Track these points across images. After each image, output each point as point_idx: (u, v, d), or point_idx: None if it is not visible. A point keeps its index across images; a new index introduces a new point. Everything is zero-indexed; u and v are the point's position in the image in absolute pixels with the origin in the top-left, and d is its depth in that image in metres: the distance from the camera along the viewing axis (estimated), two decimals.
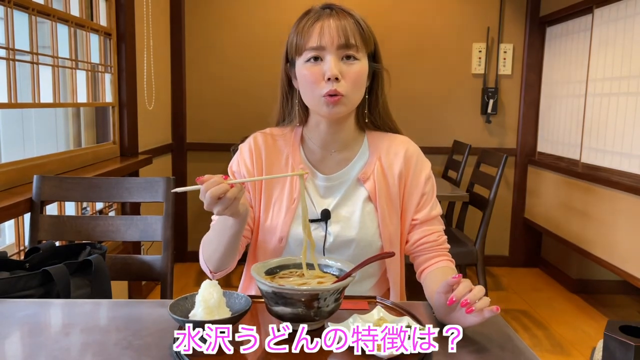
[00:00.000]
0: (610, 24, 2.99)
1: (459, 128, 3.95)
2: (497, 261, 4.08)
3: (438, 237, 1.24)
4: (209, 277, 1.17)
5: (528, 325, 3.01)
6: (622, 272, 2.76)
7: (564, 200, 3.43)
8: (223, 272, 1.19)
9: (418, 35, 3.88)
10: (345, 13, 1.16)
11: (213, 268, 1.18)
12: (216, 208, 0.97)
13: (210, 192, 0.94)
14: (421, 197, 1.24)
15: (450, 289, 0.95)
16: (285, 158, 1.25)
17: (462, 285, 0.94)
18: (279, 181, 1.24)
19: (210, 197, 0.94)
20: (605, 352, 0.78)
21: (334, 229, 1.20)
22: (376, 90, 1.25)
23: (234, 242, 1.11)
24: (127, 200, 1.63)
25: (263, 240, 1.24)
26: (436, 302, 1.00)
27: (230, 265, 1.19)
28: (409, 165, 1.24)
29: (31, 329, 0.98)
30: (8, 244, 2.06)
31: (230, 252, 1.14)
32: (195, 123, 3.90)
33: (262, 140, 1.26)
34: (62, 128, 2.67)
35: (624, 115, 2.82)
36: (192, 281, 3.57)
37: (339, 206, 1.22)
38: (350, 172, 1.24)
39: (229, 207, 0.97)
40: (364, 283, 1.25)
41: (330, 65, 1.11)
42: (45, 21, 2.16)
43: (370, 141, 1.27)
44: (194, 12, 3.80)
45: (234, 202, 0.96)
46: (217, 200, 0.95)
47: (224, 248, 1.12)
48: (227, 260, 1.16)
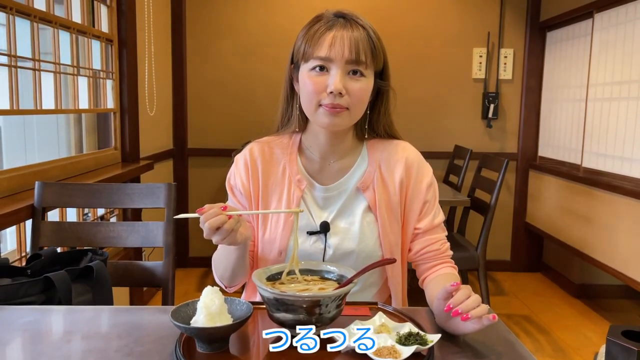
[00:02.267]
0: (611, 28, 2.99)
1: (460, 133, 3.95)
2: (499, 266, 4.07)
3: (441, 245, 1.23)
4: (225, 290, 1.19)
5: (530, 330, 3.00)
6: (623, 277, 2.75)
7: (565, 204, 3.43)
8: (237, 285, 1.24)
9: (418, 40, 3.89)
10: (358, 25, 1.12)
11: (227, 283, 1.22)
12: (214, 238, 1.00)
13: (208, 223, 0.97)
14: (423, 205, 1.22)
15: (449, 295, 0.95)
16: (283, 169, 1.22)
17: (460, 292, 0.94)
18: (276, 193, 1.22)
19: (209, 229, 0.98)
20: (607, 357, 0.78)
21: (334, 241, 1.18)
22: (379, 107, 1.22)
23: (241, 262, 1.15)
24: (129, 206, 1.63)
25: (262, 252, 1.23)
26: (436, 309, 1.01)
27: (243, 279, 1.23)
28: (410, 173, 1.22)
29: (32, 336, 0.98)
30: (10, 250, 2.06)
31: (239, 269, 1.17)
32: (196, 128, 3.90)
33: (258, 150, 1.24)
34: (63, 134, 2.68)
35: (624, 119, 2.82)
36: (194, 287, 3.57)
37: (338, 217, 1.20)
38: (349, 182, 1.22)
39: (226, 238, 1.00)
40: (366, 292, 1.24)
41: (336, 79, 1.09)
42: (47, 28, 2.17)
43: (370, 149, 1.25)
44: (195, 18, 3.82)
45: (231, 234, 0.99)
46: (215, 231, 0.98)
47: (232, 267, 1.16)
48: (239, 276, 1.20)
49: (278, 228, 1.20)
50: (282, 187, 1.22)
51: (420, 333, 0.91)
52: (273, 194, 1.22)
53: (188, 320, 0.91)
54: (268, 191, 1.23)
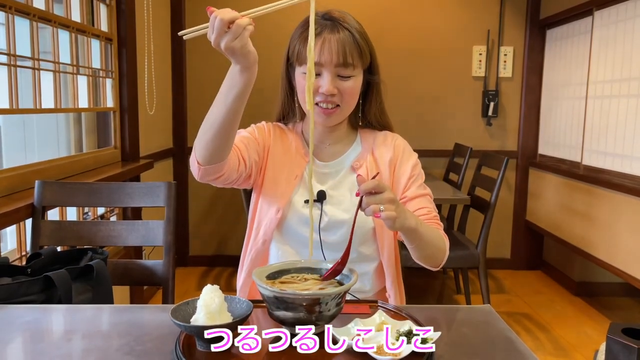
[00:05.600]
0: (611, 26, 2.99)
1: (460, 131, 3.95)
2: (499, 264, 4.07)
3: (428, 212, 1.27)
4: (195, 175, 1.14)
5: (530, 328, 3.00)
6: (624, 274, 2.75)
7: (565, 202, 3.43)
8: (211, 167, 1.13)
9: (418, 38, 3.88)
10: (345, 27, 1.21)
11: (202, 154, 1.11)
12: (225, 38, 0.93)
13: (221, 15, 0.91)
14: (409, 179, 1.31)
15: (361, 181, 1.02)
16: (290, 143, 1.34)
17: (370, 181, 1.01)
18: (284, 157, 1.31)
19: (221, 22, 0.91)
20: (608, 355, 0.78)
21: (329, 209, 1.27)
22: (370, 98, 1.33)
23: (235, 110, 1.06)
24: (129, 205, 1.63)
25: (261, 208, 1.31)
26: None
27: (220, 159, 1.12)
28: (397, 152, 1.33)
29: (33, 335, 0.98)
30: (10, 249, 2.06)
31: (227, 127, 1.07)
32: (196, 127, 3.85)
33: (272, 126, 1.37)
34: (63, 133, 2.68)
35: (624, 117, 2.82)
36: (194, 286, 3.57)
37: (334, 189, 1.30)
38: (345, 162, 1.33)
39: (239, 37, 0.93)
40: (363, 265, 1.30)
41: (327, 82, 1.20)
42: (47, 27, 2.16)
43: (363, 137, 1.36)
44: (195, 16, 3.81)
45: (244, 32, 0.94)
46: (226, 29, 0.92)
47: (223, 117, 1.06)
48: (219, 143, 1.09)
49: (280, 188, 1.28)
50: (289, 156, 1.33)
51: (420, 330, 0.91)
52: (280, 159, 1.31)
53: (188, 319, 0.91)
54: (276, 155, 1.32)
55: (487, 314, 1.09)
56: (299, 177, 1.30)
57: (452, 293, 3.56)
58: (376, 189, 0.99)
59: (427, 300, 3.45)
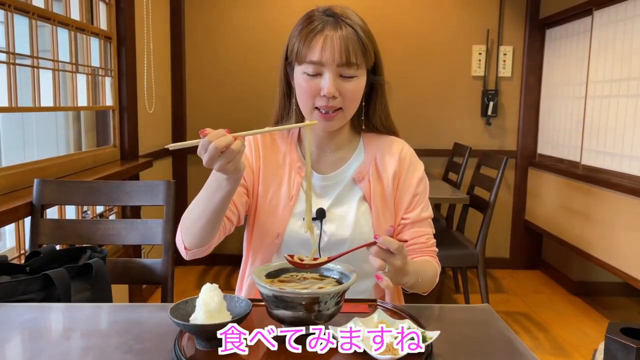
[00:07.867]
0: (610, 25, 2.99)
1: (459, 130, 3.95)
2: (498, 263, 4.07)
3: (427, 239, 1.25)
4: (182, 255, 1.14)
5: (529, 327, 3.00)
6: (622, 274, 2.76)
7: (564, 202, 3.43)
8: (199, 250, 1.12)
9: (418, 38, 3.89)
10: (347, 24, 1.13)
11: (190, 241, 1.10)
12: (218, 162, 0.91)
13: (215, 142, 0.88)
14: (413, 197, 1.25)
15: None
16: (283, 156, 1.26)
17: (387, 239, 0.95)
18: (277, 178, 1.24)
19: (215, 149, 0.89)
20: (606, 355, 0.78)
21: (329, 228, 1.21)
22: (374, 99, 1.25)
23: (222, 207, 1.04)
24: (128, 203, 1.63)
25: (259, 235, 1.25)
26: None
27: (208, 243, 1.11)
28: (403, 165, 1.26)
29: (32, 333, 0.98)
30: (8, 247, 2.06)
31: (214, 220, 1.06)
32: (195, 126, 3.90)
33: (261, 136, 1.28)
34: (62, 132, 2.68)
35: (624, 117, 2.82)
36: (193, 284, 3.57)
37: (334, 206, 1.23)
38: (346, 173, 1.25)
39: (232, 161, 0.92)
40: (362, 283, 1.25)
41: (329, 83, 1.12)
42: (46, 25, 2.16)
43: (366, 143, 1.29)
44: (194, 15, 3.81)
45: (237, 156, 0.92)
46: (220, 154, 0.90)
47: (209, 213, 1.05)
48: (207, 233, 1.08)
49: (278, 211, 1.22)
50: (282, 173, 1.25)
51: (419, 330, 0.91)
52: (273, 179, 1.24)
53: (187, 318, 0.91)
54: (268, 176, 1.24)
55: (486, 313, 1.09)
56: (294, 197, 1.22)
57: (451, 292, 3.56)
58: (394, 252, 0.95)
59: (426, 299, 3.45)
